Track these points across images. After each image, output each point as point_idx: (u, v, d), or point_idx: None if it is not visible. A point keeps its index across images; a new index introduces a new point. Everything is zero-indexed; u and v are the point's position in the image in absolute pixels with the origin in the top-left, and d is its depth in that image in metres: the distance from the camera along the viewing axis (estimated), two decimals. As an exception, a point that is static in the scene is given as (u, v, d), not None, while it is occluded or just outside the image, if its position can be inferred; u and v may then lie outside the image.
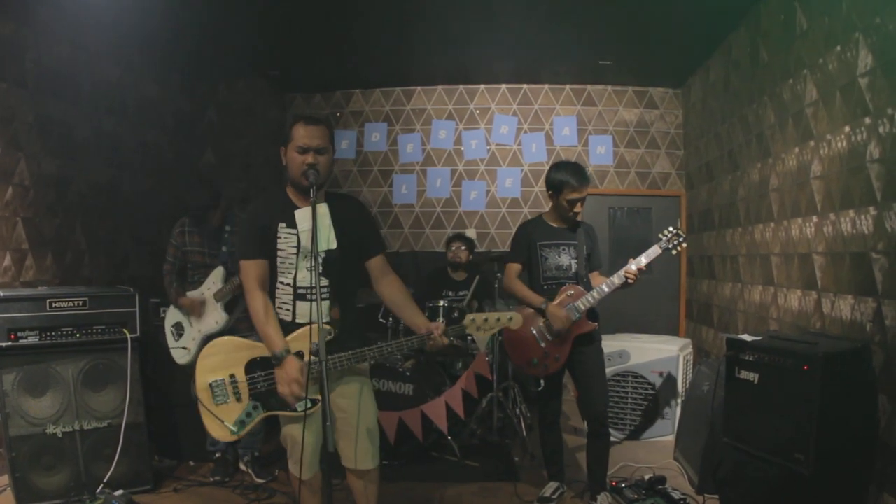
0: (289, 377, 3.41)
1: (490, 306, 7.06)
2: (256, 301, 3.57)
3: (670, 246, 4.80)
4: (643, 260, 4.74)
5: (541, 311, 4.89)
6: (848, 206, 4.53)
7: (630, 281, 4.70)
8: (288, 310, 3.64)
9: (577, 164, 5.01)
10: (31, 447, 4.76)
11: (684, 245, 4.82)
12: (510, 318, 3.73)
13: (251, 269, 3.61)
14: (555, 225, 5.08)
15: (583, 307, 4.80)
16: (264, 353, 3.56)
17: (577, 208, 4.92)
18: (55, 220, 5.88)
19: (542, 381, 5.20)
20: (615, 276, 4.76)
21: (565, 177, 4.85)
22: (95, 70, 6.35)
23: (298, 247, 3.61)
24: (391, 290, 3.85)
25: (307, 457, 3.64)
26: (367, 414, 3.73)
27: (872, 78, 4.23)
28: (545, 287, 5.00)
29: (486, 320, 3.69)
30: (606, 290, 4.77)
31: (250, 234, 3.66)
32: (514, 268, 5.10)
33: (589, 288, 4.88)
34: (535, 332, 4.91)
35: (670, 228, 4.85)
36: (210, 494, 5.26)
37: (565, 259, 4.99)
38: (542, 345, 4.90)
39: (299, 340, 3.52)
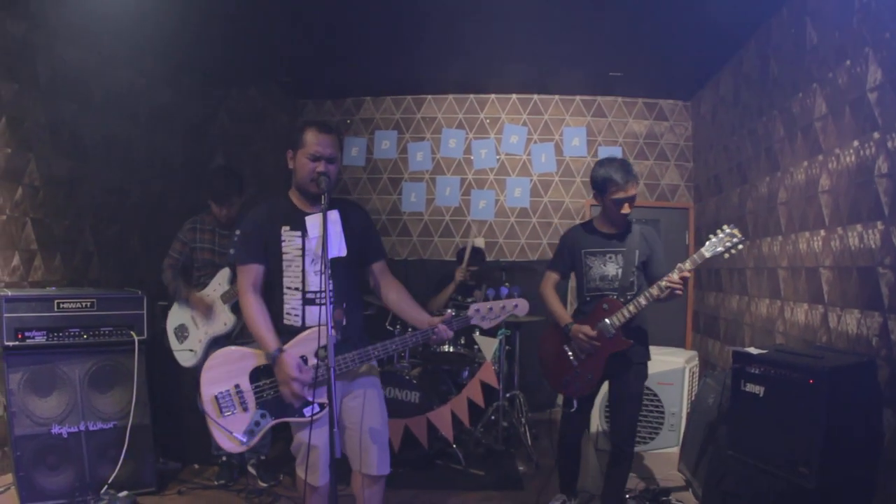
0: (286, 376, 3.42)
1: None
2: (250, 304, 3.59)
3: (722, 248, 4.33)
4: (688, 265, 4.36)
5: (565, 333, 4.69)
6: (855, 220, 4.52)
7: (678, 291, 4.34)
8: (297, 315, 3.64)
9: (623, 160, 4.67)
10: (36, 447, 4.78)
11: (740, 247, 4.35)
12: (515, 306, 3.70)
13: (247, 274, 3.64)
14: (604, 230, 4.77)
15: (617, 323, 4.50)
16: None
17: (626, 209, 4.57)
18: (64, 222, 5.91)
19: (574, 402, 4.81)
20: (654, 286, 4.41)
21: (608, 174, 4.53)
22: (108, 73, 6.39)
23: (303, 250, 3.63)
24: (393, 291, 3.88)
25: (320, 463, 3.64)
26: (371, 416, 3.72)
27: (882, 93, 4.23)
28: (588, 299, 4.76)
29: (490, 309, 3.68)
30: (644, 302, 4.44)
31: (249, 239, 3.69)
32: (551, 277, 4.90)
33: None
34: (568, 350, 4.72)
35: (724, 228, 4.36)
36: (214, 498, 5.28)
37: (611, 268, 4.69)
38: (575, 363, 4.68)
39: (303, 344, 3.53)
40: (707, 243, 4.35)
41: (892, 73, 4.13)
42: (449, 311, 3.73)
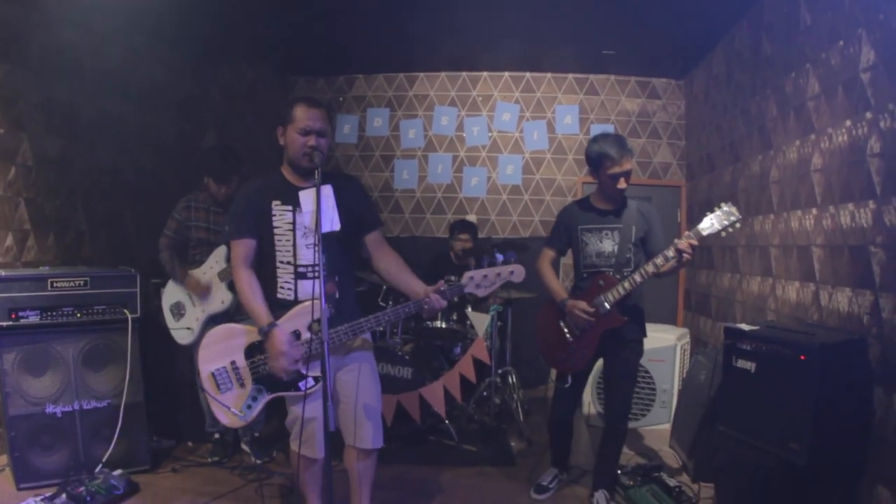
0: (276, 350, 3.46)
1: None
2: (243, 278, 3.65)
3: (720, 226, 4.27)
4: (683, 242, 4.21)
5: (560, 309, 4.67)
6: (847, 199, 4.54)
7: (686, 257, 4.21)
8: (290, 289, 3.67)
9: (617, 135, 4.60)
10: (30, 426, 4.79)
11: (738, 226, 4.32)
12: (511, 272, 3.68)
13: (239, 249, 3.69)
14: (600, 206, 4.73)
15: (612, 299, 4.49)
16: None
17: (622, 184, 4.52)
18: (57, 201, 5.88)
19: (569, 378, 4.83)
20: (650, 263, 4.39)
21: (602, 149, 4.48)
22: (100, 51, 6.33)
23: (294, 224, 3.65)
24: (388, 260, 3.91)
25: (317, 435, 3.67)
26: (365, 390, 3.77)
27: (874, 73, 4.24)
28: (585, 276, 4.73)
29: (485, 276, 3.66)
30: (639, 279, 4.44)
31: (240, 214, 3.71)
32: (548, 254, 4.89)
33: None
34: (563, 325, 4.71)
35: (721, 205, 4.31)
36: (208, 475, 5.29)
37: (608, 245, 4.65)
38: (570, 339, 4.68)
39: (296, 318, 3.55)
40: (704, 220, 4.31)
41: (885, 54, 4.13)
42: (442, 281, 3.74)
